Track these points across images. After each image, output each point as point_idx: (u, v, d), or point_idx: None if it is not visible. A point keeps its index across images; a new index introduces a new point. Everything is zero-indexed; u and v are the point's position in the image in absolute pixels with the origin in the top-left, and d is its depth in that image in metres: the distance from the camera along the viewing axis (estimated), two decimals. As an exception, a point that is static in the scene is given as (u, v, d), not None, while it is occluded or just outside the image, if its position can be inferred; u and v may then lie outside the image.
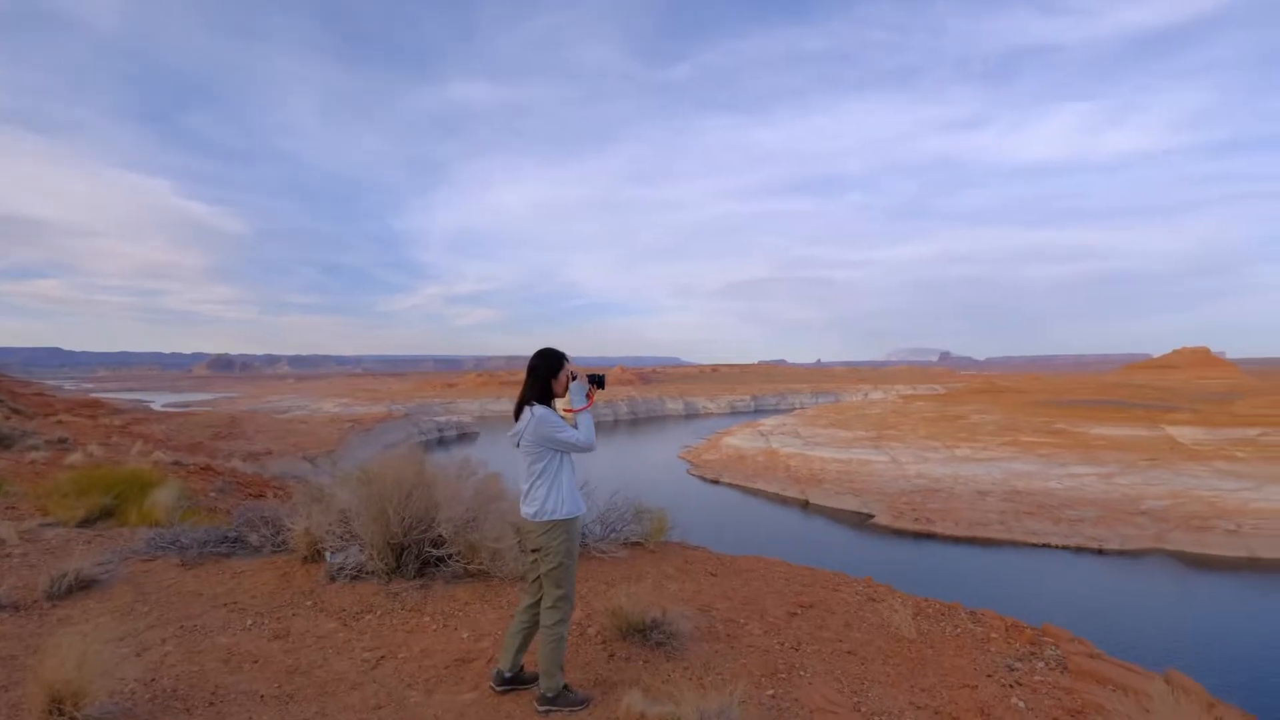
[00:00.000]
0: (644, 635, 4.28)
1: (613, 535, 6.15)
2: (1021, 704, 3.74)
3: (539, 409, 3.59)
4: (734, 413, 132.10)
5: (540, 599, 3.77)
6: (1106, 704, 3.70)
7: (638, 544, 6.31)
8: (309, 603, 5.01)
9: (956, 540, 50.69)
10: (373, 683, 3.88)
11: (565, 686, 3.64)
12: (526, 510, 3.64)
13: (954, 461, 72.09)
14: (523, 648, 3.79)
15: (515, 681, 3.79)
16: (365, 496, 5.40)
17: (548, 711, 3.56)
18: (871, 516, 57.02)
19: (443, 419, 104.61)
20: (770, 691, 3.77)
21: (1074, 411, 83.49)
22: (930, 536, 51.38)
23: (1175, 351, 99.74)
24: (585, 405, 3.70)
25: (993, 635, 4.61)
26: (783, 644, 4.40)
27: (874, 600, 5.21)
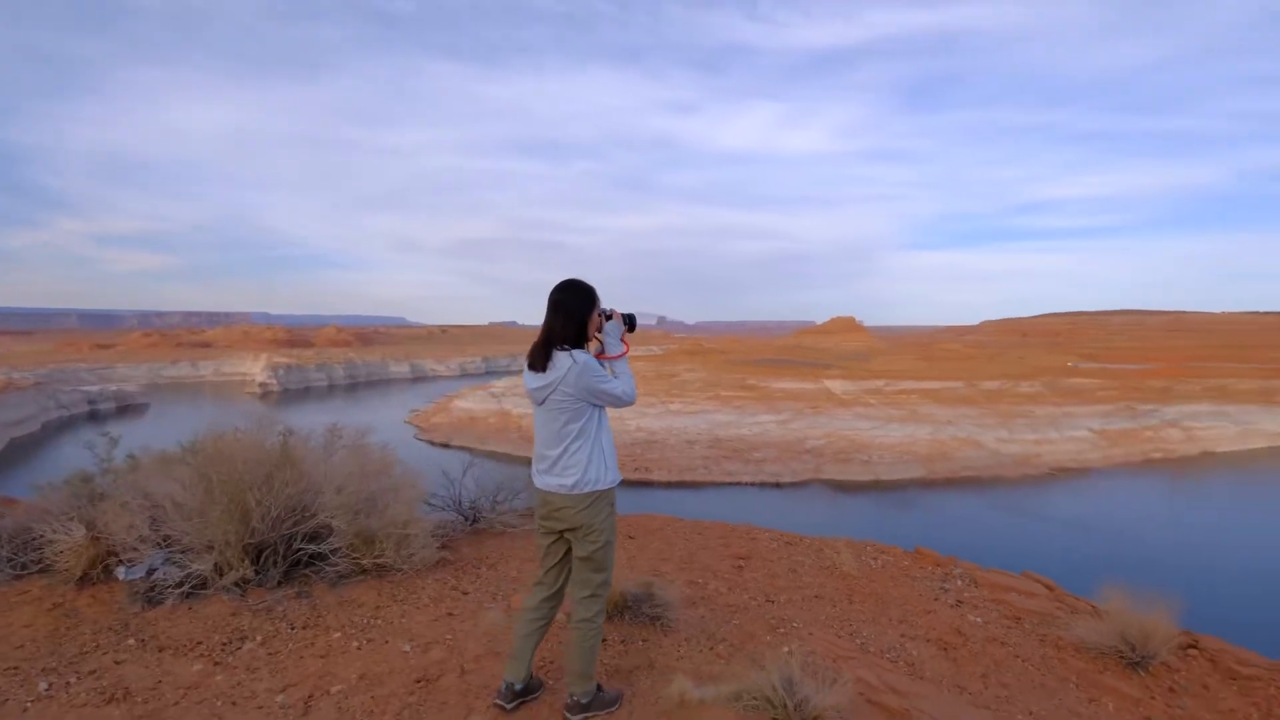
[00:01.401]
0: (634, 611, 3.80)
1: (503, 505, 5.39)
2: (978, 619, 4.16)
3: (581, 355, 2.85)
4: (465, 375, 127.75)
5: (557, 590, 3.08)
6: (1038, 608, 4.29)
7: (541, 513, 5.64)
8: (131, 641, 3.47)
9: (670, 485, 56.55)
10: (320, 734, 2.81)
11: (598, 686, 3.04)
12: (560, 481, 2.90)
13: (668, 415, 79.75)
14: (534, 651, 3.08)
15: (526, 693, 3.06)
16: (207, 484, 3.89)
17: (584, 719, 2.95)
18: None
19: (94, 388, 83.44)
20: (785, 649, 3.61)
21: (761, 369, 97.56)
22: (649, 484, 56.47)
23: (831, 319, 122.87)
24: (623, 351, 3.06)
25: (905, 563, 5.07)
26: (756, 599, 4.28)
27: (790, 545, 5.37)
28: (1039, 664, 3.67)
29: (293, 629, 3.65)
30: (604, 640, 3.62)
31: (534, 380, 2.93)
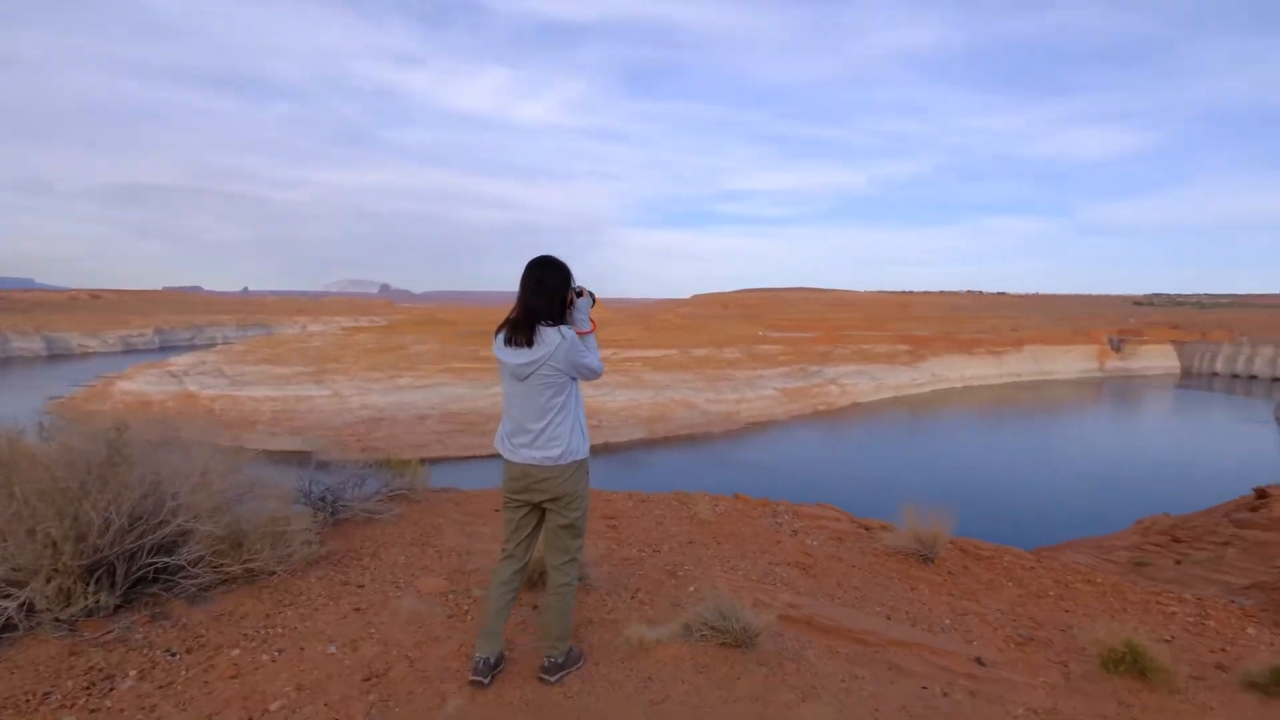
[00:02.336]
0: (556, 577, 3.93)
1: (359, 493, 4.96)
2: (814, 543, 5.09)
3: (568, 330, 2.93)
4: (129, 351, 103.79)
5: (526, 561, 3.13)
6: (847, 529, 5.38)
7: (401, 496, 5.27)
8: (-68, 711, 2.60)
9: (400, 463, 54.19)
10: (287, 754, 2.51)
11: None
12: (545, 454, 2.95)
13: (396, 390, 75.67)
14: (504, 623, 3.09)
15: (496, 665, 3.06)
16: (10, 498, 2.98)
17: (560, 678, 3.07)
18: (314, 453, 55.35)
19: None
20: (691, 588, 4.09)
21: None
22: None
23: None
24: (592, 328, 3.16)
25: (740, 506, 5.89)
26: (644, 551, 4.66)
27: (644, 501, 5.85)
28: (869, 569, 4.69)
29: (173, 655, 3.06)
30: (534, 606, 3.74)
31: (517, 356, 2.92)
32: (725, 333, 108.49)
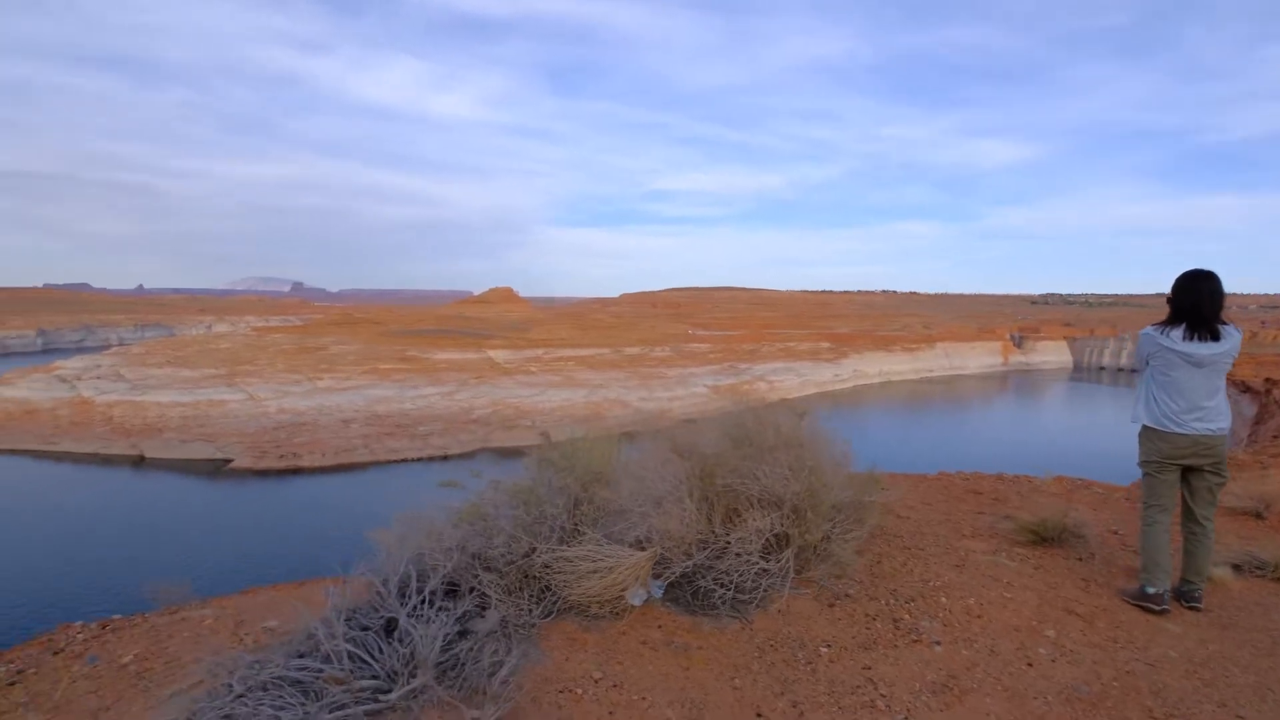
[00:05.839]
0: (1065, 535, 4.56)
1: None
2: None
3: (1237, 331, 3.60)
4: (7, 354, 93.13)
5: (1170, 511, 3.77)
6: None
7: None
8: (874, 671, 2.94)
9: (324, 470, 51.47)
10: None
11: (1193, 580, 3.86)
12: (1216, 425, 3.65)
13: (317, 393, 72.33)
14: None
15: (1166, 596, 3.72)
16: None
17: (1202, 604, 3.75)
18: (230, 461, 51.86)
19: None
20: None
21: (421, 340, 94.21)
22: (297, 471, 50.42)
23: (489, 290, 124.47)
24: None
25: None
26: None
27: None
28: (1239, 527, 5.61)
29: (907, 603, 3.51)
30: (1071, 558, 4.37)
31: (1204, 349, 3.59)
32: (655, 331, 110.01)
